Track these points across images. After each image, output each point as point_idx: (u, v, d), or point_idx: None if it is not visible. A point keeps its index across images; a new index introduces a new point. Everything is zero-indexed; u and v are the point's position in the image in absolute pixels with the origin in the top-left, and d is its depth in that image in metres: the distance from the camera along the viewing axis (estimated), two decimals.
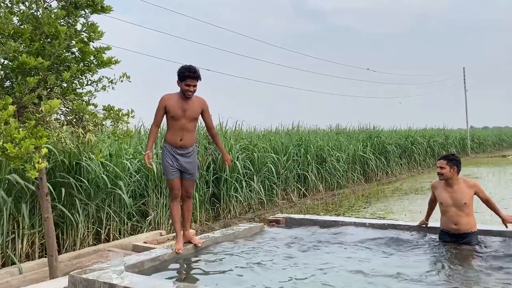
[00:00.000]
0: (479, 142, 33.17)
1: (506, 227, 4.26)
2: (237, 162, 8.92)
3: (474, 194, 4.28)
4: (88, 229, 6.29)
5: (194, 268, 3.80)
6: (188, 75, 4.07)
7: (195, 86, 4.15)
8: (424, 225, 4.75)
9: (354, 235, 4.87)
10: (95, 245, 6.13)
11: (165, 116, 4.19)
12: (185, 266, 3.85)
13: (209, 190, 8.41)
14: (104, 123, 4.37)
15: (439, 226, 4.49)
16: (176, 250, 4.03)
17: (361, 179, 14.22)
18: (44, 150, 3.52)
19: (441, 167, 4.32)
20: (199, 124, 6.08)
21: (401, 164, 17.46)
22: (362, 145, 15.06)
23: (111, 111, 4.40)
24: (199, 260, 4.01)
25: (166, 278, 3.52)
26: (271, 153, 10.47)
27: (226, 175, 8.64)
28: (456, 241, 4.29)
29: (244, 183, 8.97)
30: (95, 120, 4.24)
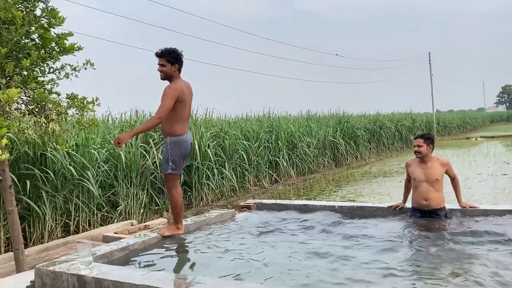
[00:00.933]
0: (445, 125, 34.22)
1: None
2: (208, 150, 8.89)
3: (445, 172, 4.56)
4: (56, 221, 6.15)
5: (164, 256, 3.79)
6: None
7: (161, 65, 4.05)
8: (400, 208, 4.88)
9: (324, 218, 4.96)
10: (64, 237, 6.00)
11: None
12: (155, 254, 3.83)
13: (180, 178, 8.35)
14: (68, 112, 4.25)
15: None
16: (162, 234, 4.14)
17: (332, 164, 14.45)
18: (4, 141, 3.39)
19: (418, 145, 4.56)
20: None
21: (370, 148, 17.81)
22: (332, 130, 15.27)
23: (75, 100, 4.28)
24: (169, 248, 4.00)
25: (135, 267, 3.49)
26: (243, 140, 10.48)
27: (198, 163, 8.60)
28: (426, 217, 4.51)
29: (215, 171, 8.95)
30: (58, 109, 4.12)
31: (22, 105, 4.11)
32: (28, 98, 4.10)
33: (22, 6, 4.01)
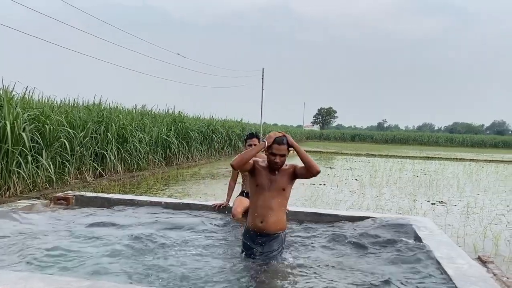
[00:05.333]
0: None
1: None
2: (23, 134, 7.83)
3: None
4: None
5: None
6: None
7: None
8: (224, 206, 5.18)
9: (149, 214, 4.86)
10: None
11: None
12: None
13: None
14: None
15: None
16: None
17: (162, 162, 14.30)
18: None
19: (255, 145, 4.98)
20: None
21: (201, 150, 18.24)
22: (167, 128, 15.15)
23: None
24: None
25: None
26: (67, 127, 9.56)
27: (8, 145, 7.49)
28: None
29: (30, 158, 7.93)
30: None
31: None
32: None
33: None
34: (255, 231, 3.53)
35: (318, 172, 3.57)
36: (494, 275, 3.60)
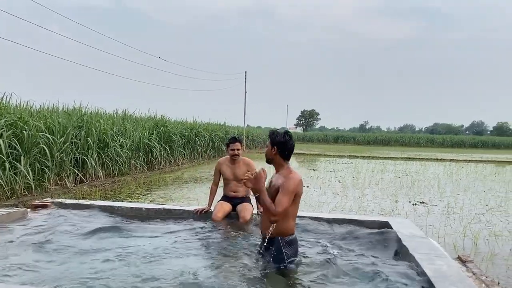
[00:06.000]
0: (253, 139, 37.38)
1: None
2: (0, 140, 7.66)
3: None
4: None
5: None
6: None
7: None
8: (206, 211, 5.16)
9: (129, 220, 4.80)
10: None
11: None
12: None
13: None
14: None
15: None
16: None
17: (144, 167, 14.15)
18: None
19: (237, 149, 5.19)
20: None
21: (184, 154, 18.13)
22: (148, 132, 15.02)
23: None
24: None
25: None
26: (46, 133, 9.39)
27: None
28: (234, 204, 5.07)
29: (7, 165, 7.76)
30: None
31: None
32: None
33: None
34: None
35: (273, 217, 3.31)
36: (474, 274, 3.65)
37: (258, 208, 5.14)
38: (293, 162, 22.31)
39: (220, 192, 5.35)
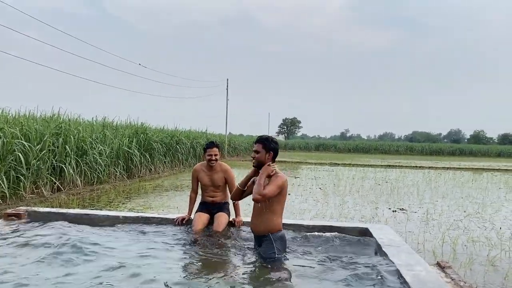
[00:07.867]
0: (235, 146, 37.32)
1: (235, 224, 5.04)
2: None
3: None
4: None
5: None
6: None
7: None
8: (186, 220, 5.10)
9: (106, 229, 4.69)
10: None
11: None
12: None
13: None
14: None
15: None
16: None
17: (124, 175, 13.94)
18: None
19: (215, 154, 5.03)
20: None
21: (165, 161, 17.95)
22: (128, 140, 14.83)
23: None
24: None
25: None
26: (22, 140, 9.16)
27: None
28: (212, 212, 5.01)
29: None
30: None
31: None
32: None
33: None
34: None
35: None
36: (452, 280, 3.67)
37: (236, 216, 5.10)
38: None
39: (199, 200, 5.29)
